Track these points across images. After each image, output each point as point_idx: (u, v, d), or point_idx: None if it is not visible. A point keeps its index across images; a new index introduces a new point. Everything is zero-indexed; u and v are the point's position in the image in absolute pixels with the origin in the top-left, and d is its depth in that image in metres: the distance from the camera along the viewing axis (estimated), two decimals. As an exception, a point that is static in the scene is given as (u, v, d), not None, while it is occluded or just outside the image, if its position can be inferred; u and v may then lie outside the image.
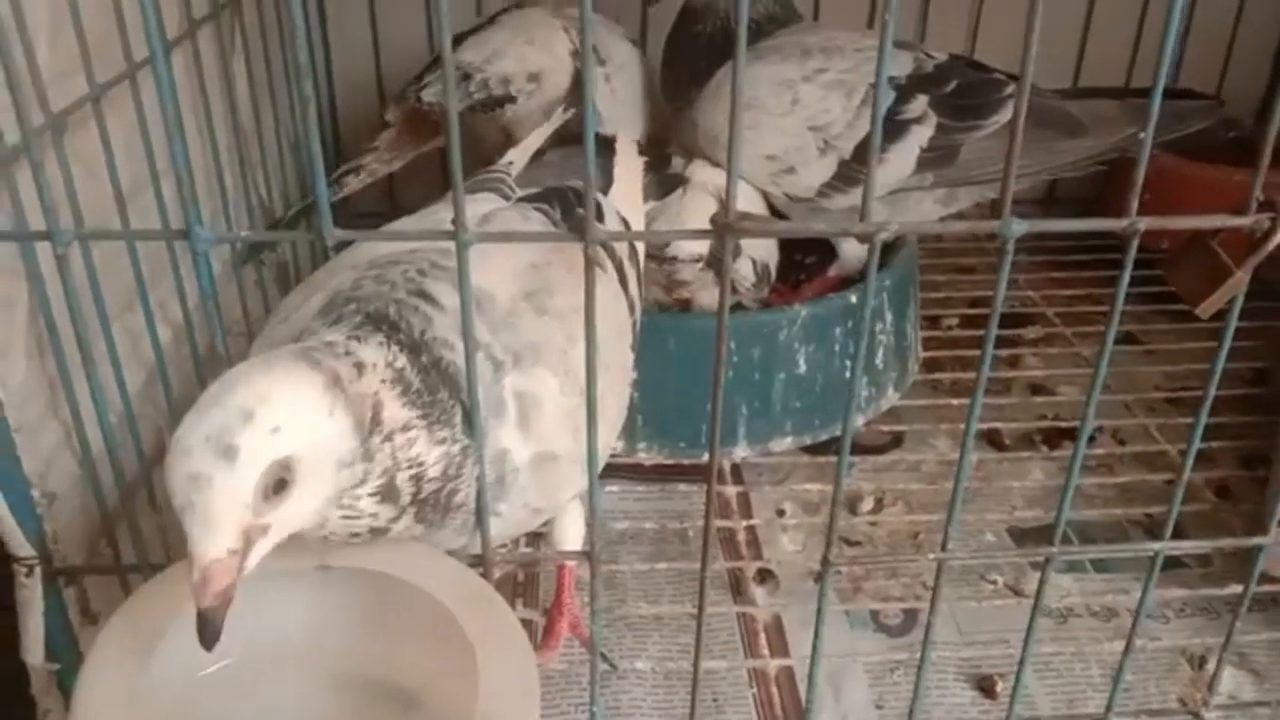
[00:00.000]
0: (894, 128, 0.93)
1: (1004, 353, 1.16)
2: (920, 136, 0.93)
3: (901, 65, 0.96)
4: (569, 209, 0.73)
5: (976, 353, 1.14)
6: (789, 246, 1.06)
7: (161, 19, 0.45)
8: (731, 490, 0.95)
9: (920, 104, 0.94)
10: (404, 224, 0.69)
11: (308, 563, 0.54)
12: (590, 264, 0.50)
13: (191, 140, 0.81)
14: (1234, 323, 0.54)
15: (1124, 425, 1.06)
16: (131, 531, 0.65)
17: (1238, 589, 0.68)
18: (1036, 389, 1.13)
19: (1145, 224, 0.50)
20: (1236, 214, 0.51)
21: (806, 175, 0.94)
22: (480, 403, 0.53)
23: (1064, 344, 1.18)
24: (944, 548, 0.61)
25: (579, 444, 0.56)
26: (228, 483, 0.45)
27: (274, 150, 1.05)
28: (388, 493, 0.52)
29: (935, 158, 0.93)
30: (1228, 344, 0.54)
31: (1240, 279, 0.53)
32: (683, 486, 0.96)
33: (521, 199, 0.75)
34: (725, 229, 0.50)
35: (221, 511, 0.45)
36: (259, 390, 0.47)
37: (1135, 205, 0.50)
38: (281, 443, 0.46)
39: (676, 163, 1.01)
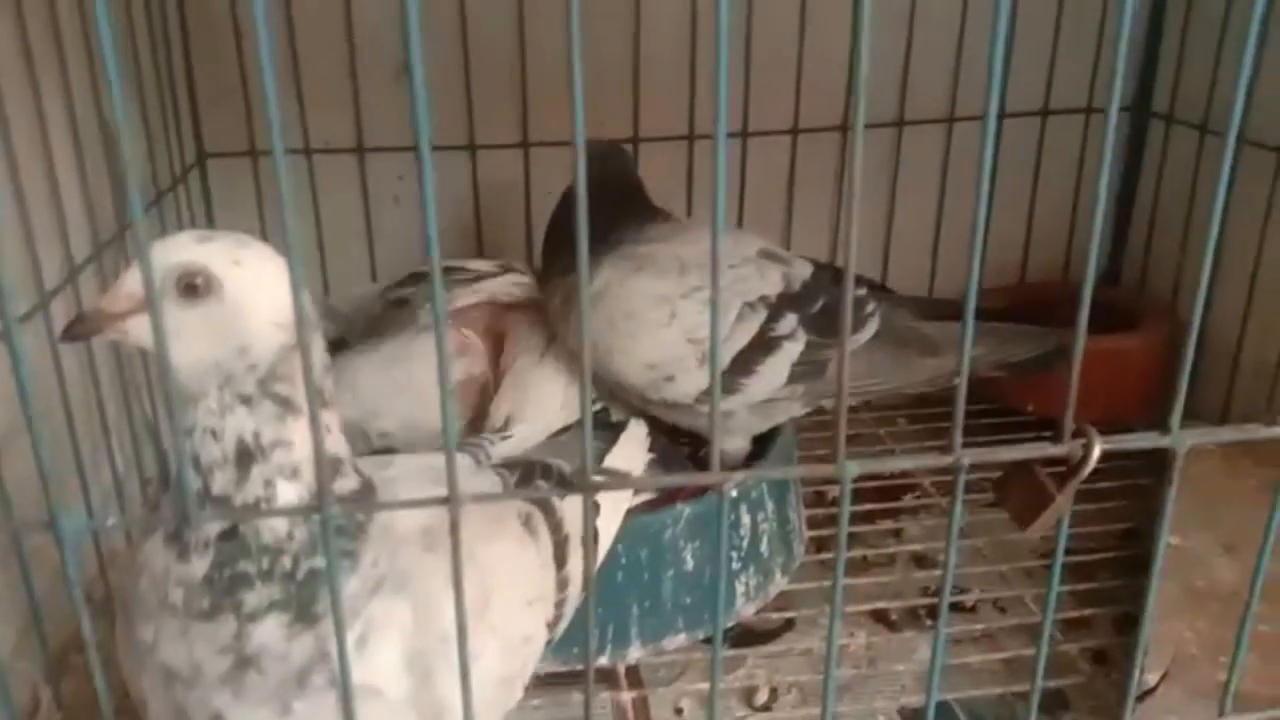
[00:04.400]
0: (767, 344, 0.99)
1: (888, 524, 1.21)
2: (791, 352, 0.99)
3: (772, 283, 1.01)
4: (529, 477, 0.78)
5: (865, 528, 1.19)
6: (673, 434, 1.10)
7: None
8: (627, 696, 0.95)
9: (790, 322, 1.00)
10: None
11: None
12: (456, 526, 0.52)
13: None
14: (1062, 546, 0.58)
15: (1004, 596, 1.09)
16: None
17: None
18: (920, 560, 1.16)
19: (970, 459, 0.54)
20: (1053, 443, 0.56)
21: (686, 383, 0.98)
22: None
23: (939, 514, 1.23)
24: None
25: (427, 690, 0.57)
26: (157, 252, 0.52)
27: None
28: (240, 451, 0.55)
29: (804, 372, 0.99)
30: (1059, 564, 0.58)
31: (1062, 504, 0.57)
32: (577, 695, 0.96)
33: (496, 465, 0.81)
34: (584, 487, 0.53)
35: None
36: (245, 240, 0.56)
37: (959, 440, 0.54)
38: (215, 260, 0.54)
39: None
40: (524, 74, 1.30)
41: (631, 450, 0.94)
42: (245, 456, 0.55)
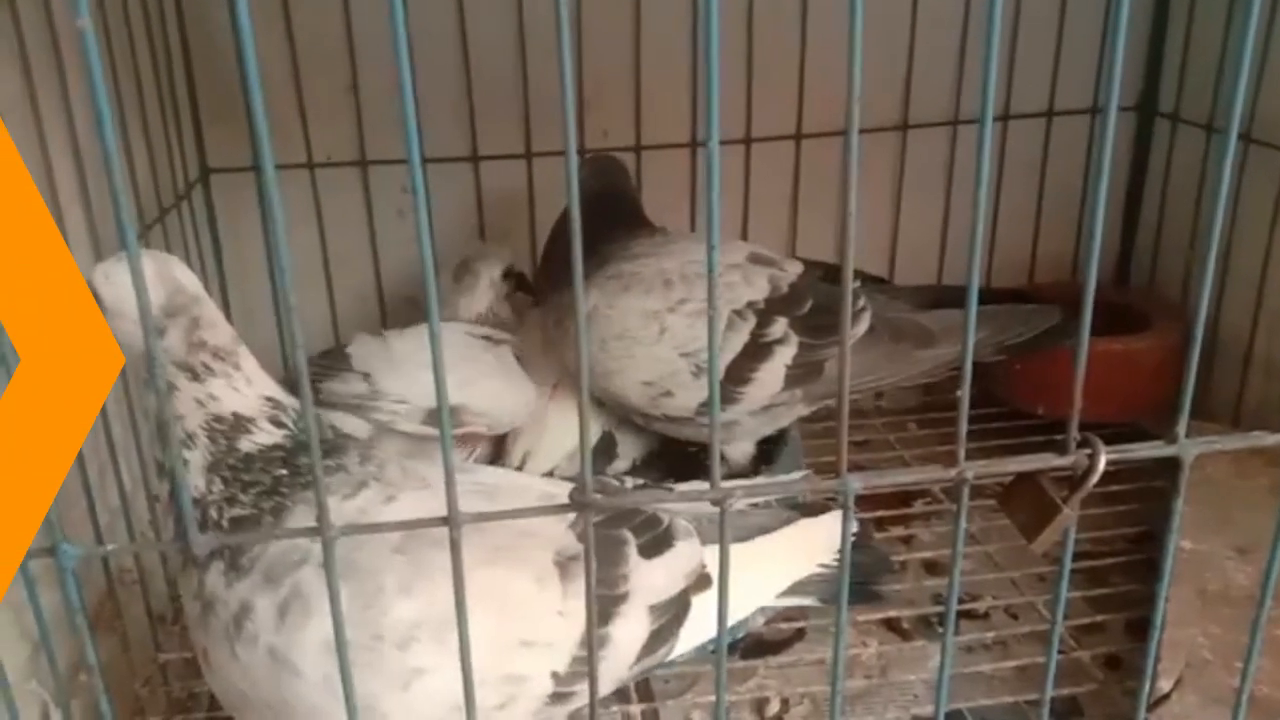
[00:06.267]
0: (759, 350, 0.98)
1: (899, 531, 1.20)
2: (785, 356, 0.98)
3: (759, 288, 1.00)
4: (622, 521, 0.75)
5: (876, 534, 1.17)
6: (680, 443, 1.09)
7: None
8: (637, 709, 0.95)
9: (781, 325, 0.98)
10: None
11: None
12: (456, 546, 0.52)
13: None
14: (1070, 556, 0.57)
15: (1016, 603, 1.09)
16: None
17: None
18: (931, 567, 1.16)
19: (973, 473, 0.54)
20: (1058, 454, 0.55)
21: (683, 397, 0.98)
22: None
23: (950, 520, 1.21)
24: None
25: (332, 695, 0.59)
26: None
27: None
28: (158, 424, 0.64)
29: (801, 374, 0.98)
30: (1067, 573, 0.58)
31: (1069, 515, 0.56)
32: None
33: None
34: (582, 505, 0.52)
35: None
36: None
37: (962, 454, 0.54)
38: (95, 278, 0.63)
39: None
40: (525, 84, 1.29)
41: (804, 537, 0.81)
42: (160, 428, 0.66)
